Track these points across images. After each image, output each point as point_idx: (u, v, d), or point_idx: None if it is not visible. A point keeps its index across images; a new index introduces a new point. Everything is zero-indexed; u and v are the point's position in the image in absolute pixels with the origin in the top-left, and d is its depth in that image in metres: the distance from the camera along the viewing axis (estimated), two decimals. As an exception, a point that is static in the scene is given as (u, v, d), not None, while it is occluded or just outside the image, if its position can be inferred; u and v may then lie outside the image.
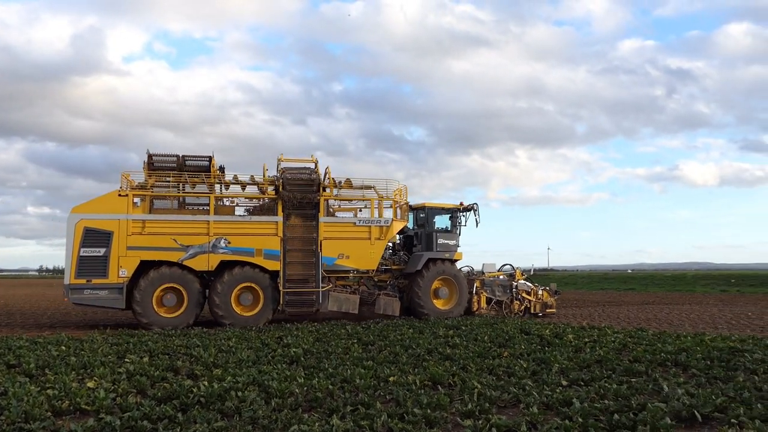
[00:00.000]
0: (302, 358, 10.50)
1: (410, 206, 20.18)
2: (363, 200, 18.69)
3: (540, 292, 21.01)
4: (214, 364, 9.92)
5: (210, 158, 17.82)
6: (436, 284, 19.21)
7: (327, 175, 18.32)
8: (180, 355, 11.05)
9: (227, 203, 17.86)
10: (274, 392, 7.64)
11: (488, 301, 20.25)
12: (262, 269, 17.29)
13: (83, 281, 16.12)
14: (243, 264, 17.15)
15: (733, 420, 6.28)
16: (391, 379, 8.56)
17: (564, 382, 8.36)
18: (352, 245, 18.13)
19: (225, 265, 17.08)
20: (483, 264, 21.56)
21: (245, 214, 18.03)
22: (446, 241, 20.01)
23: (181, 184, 17.27)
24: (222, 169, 18.05)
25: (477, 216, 20.36)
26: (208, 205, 17.40)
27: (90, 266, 16.15)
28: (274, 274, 17.39)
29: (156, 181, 17.19)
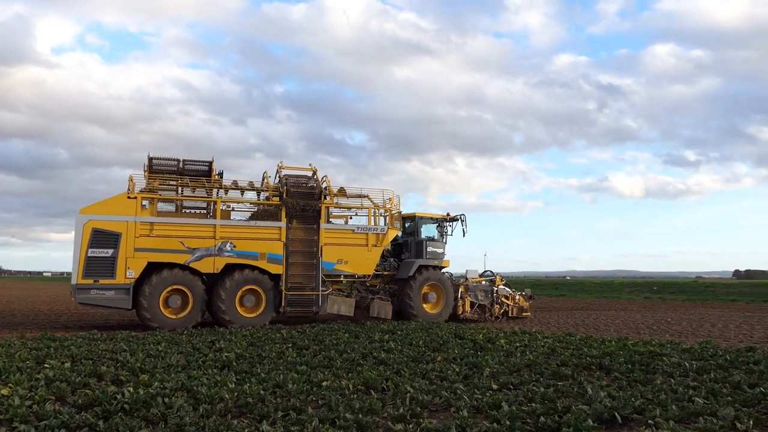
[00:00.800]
0: (234, 363, 10.28)
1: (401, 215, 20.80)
2: (361, 208, 19.46)
3: (517, 297, 22.31)
4: (141, 370, 9.57)
5: (210, 163, 18.24)
6: (425, 289, 20.22)
7: (326, 184, 18.82)
8: (105, 360, 10.60)
9: (223, 207, 18.12)
10: (203, 398, 7.44)
11: (472, 305, 21.11)
12: (265, 272, 17.78)
13: (90, 281, 16.21)
14: (247, 267, 17.57)
15: (650, 421, 6.57)
16: (324, 383, 8.50)
17: (494, 386, 8.53)
18: (351, 251, 18.92)
19: (229, 268, 17.45)
20: (466, 270, 22.49)
21: (247, 219, 18.45)
22: (435, 249, 21.00)
23: (184, 188, 17.50)
24: (221, 174, 18.36)
25: (464, 226, 21.45)
26: (205, 209, 17.90)
27: (97, 267, 16.24)
28: (275, 277, 17.89)
29: (160, 184, 17.28)
